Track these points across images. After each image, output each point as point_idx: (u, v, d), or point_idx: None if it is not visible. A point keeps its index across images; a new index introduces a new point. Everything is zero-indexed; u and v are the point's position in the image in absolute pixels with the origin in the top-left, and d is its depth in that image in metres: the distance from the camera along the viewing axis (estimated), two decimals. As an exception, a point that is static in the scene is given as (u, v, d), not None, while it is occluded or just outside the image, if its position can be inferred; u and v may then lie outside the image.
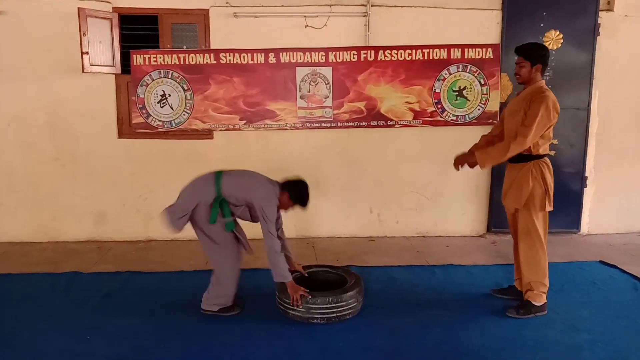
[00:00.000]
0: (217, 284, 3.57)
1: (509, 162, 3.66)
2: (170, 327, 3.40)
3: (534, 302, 3.55)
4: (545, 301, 3.58)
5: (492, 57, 5.22)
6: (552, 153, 5.48)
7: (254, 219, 3.55)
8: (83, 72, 4.91)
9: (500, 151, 3.47)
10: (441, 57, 5.21)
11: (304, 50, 5.14)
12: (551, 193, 3.52)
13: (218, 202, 3.43)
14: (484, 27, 5.34)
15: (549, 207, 3.52)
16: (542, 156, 3.52)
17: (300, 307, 3.36)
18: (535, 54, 3.48)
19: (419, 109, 5.28)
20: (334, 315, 3.38)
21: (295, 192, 3.49)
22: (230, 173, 3.54)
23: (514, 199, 3.58)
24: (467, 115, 5.32)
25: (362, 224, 5.59)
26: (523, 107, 3.48)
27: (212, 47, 5.18)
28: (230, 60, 5.12)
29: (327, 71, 5.19)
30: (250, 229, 5.57)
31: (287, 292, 3.42)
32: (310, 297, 3.36)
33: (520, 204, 3.52)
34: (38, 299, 3.83)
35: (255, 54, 5.11)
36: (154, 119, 5.17)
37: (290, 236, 5.43)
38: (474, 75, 5.25)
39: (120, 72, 5.19)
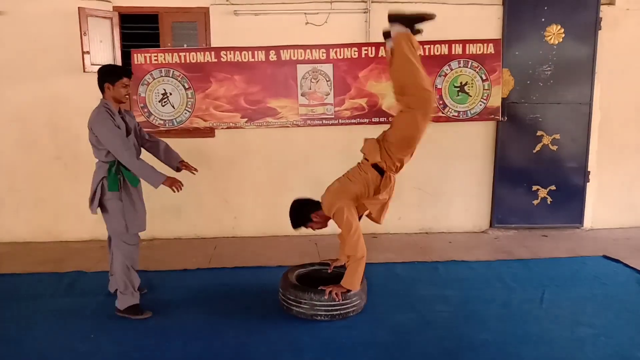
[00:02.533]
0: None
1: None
2: (173, 325, 3.41)
3: None
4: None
5: (493, 52, 5.21)
6: (555, 146, 5.48)
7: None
8: (84, 71, 4.91)
9: (355, 267, 3.43)
10: (442, 53, 5.20)
11: (304, 47, 5.13)
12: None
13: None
14: (485, 22, 5.32)
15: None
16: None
17: (179, 190, 3.46)
18: (301, 220, 3.63)
19: (420, 105, 5.27)
20: (338, 312, 3.38)
21: (106, 74, 3.43)
22: None
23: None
24: (468, 111, 5.31)
25: (364, 221, 5.53)
26: None
27: (212, 46, 5.18)
28: (230, 58, 5.11)
29: (328, 68, 5.18)
30: (252, 227, 5.59)
31: (290, 289, 3.42)
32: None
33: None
34: (42, 298, 3.84)
35: (255, 52, 5.11)
36: (156, 118, 5.17)
37: (293, 234, 5.44)
38: (475, 70, 5.24)
39: (121, 71, 5.19)
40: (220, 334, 3.29)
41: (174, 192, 3.45)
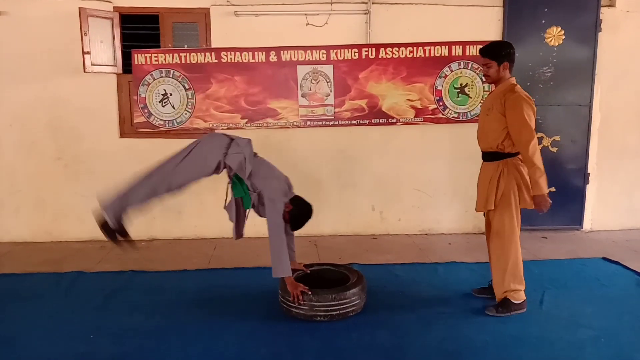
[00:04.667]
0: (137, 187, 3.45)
1: (483, 161, 3.66)
2: (173, 326, 3.41)
3: (513, 300, 3.51)
4: (524, 299, 3.54)
5: (493, 54, 5.21)
6: (555, 148, 5.49)
7: (258, 210, 3.54)
8: (84, 71, 4.91)
9: (532, 170, 3.35)
10: (442, 55, 5.21)
11: (305, 48, 5.13)
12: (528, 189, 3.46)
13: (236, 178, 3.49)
14: (485, 23, 5.33)
15: (529, 204, 3.47)
16: (513, 154, 3.47)
17: (302, 303, 3.36)
18: (501, 53, 3.44)
19: (420, 107, 5.28)
20: (337, 312, 3.38)
21: (297, 212, 3.48)
22: (257, 157, 3.64)
23: (483, 202, 3.58)
24: (468, 113, 5.31)
25: (364, 222, 5.58)
26: (496, 106, 3.44)
27: (213, 46, 5.18)
28: (231, 59, 5.12)
29: (328, 69, 5.19)
30: (252, 228, 5.58)
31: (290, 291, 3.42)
32: (310, 293, 3.36)
33: (491, 205, 3.51)
34: (41, 299, 3.84)
35: (256, 53, 5.11)
36: (156, 118, 5.17)
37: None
38: (475, 72, 5.24)
39: (121, 71, 5.20)
40: (220, 335, 3.29)
41: (291, 299, 3.37)
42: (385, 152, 5.48)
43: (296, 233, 5.40)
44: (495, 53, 3.44)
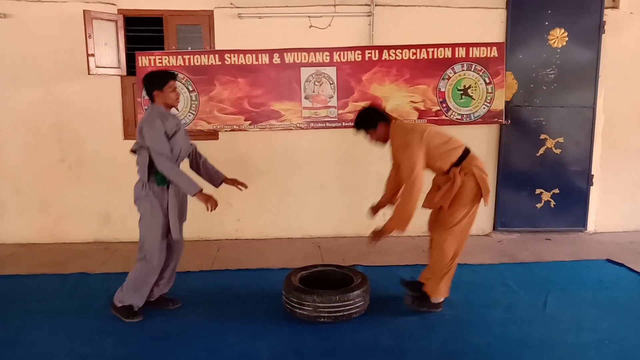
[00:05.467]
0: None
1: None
2: (176, 327, 3.41)
3: (431, 298, 3.55)
4: (442, 300, 3.57)
5: (497, 55, 5.21)
6: (559, 150, 5.48)
7: None
8: (89, 74, 4.93)
9: (403, 207, 3.43)
10: (446, 56, 5.21)
11: (308, 50, 5.14)
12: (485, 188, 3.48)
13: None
14: (489, 25, 5.33)
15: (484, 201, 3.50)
16: (458, 163, 3.49)
17: (216, 210, 3.40)
18: (369, 122, 3.53)
19: (423, 108, 5.28)
20: (341, 314, 3.38)
21: (152, 81, 3.43)
22: None
23: (431, 199, 3.62)
24: (472, 114, 5.31)
25: (367, 224, 5.55)
26: (395, 158, 3.62)
27: (216, 48, 5.19)
28: (235, 61, 5.13)
29: (331, 71, 5.19)
30: (255, 229, 5.60)
31: (293, 292, 3.42)
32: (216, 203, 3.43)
33: (446, 205, 3.51)
34: (45, 300, 3.85)
35: (259, 55, 5.12)
36: (160, 120, 5.18)
37: (296, 236, 5.47)
38: (478, 74, 5.24)
39: (125, 73, 5.22)
40: (224, 336, 3.29)
41: (208, 210, 3.43)
42: (388, 154, 5.45)
43: (299, 234, 5.45)
44: (365, 124, 3.56)
